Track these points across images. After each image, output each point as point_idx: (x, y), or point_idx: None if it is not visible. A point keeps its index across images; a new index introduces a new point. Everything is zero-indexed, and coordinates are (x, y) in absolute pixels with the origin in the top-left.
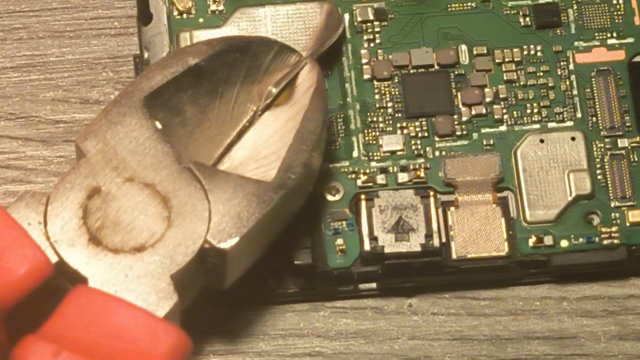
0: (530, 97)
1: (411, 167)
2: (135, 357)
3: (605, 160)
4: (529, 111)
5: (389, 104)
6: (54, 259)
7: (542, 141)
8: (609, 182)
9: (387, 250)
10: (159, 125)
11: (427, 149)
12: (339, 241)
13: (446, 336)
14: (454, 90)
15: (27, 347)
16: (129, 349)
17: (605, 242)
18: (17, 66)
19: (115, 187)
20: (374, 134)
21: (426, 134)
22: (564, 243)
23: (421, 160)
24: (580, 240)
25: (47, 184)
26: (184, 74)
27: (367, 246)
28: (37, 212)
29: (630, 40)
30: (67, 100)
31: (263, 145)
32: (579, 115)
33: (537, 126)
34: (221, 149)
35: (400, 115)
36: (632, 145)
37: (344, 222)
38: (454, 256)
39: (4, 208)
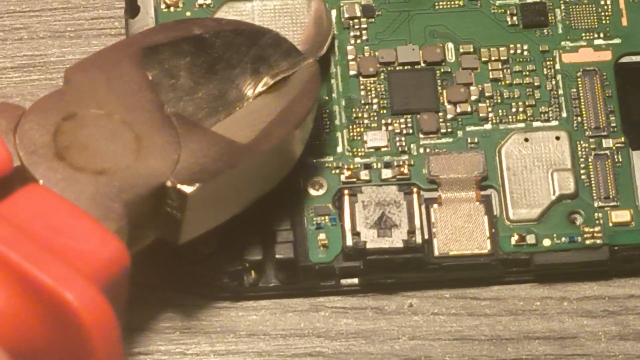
0: (516, 96)
1: (395, 164)
2: (76, 255)
3: (590, 160)
4: (514, 110)
5: (375, 101)
6: (16, 163)
7: (526, 140)
8: (592, 182)
9: (369, 245)
10: (150, 76)
11: (412, 145)
12: (322, 236)
13: (447, 336)
14: (439, 88)
15: None
16: (70, 247)
17: (587, 242)
18: (18, 66)
19: (92, 116)
20: (358, 129)
21: (411, 131)
22: (547, 242)
23: (405, 157)
24: (563, 239)
25: None
26: (185, 40)
27: (349, 241)
28: (8, 120)
29: (617, 41)
30: None
31: (245, 127)
32: (564, 114)
33: (522, 125)
34: (206, 124)
35: (385, 111)
36: (617, 145)
37: (326, 217)
38: (436, 253)
39: None
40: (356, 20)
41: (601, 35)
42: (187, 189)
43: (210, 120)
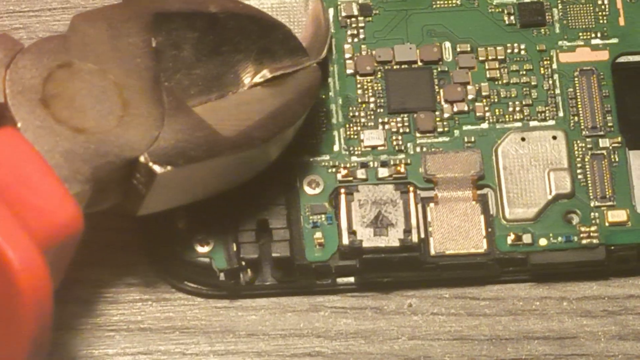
0: (513, 95)
1: (392, 163)
2: (31, 211)
3: (586, 159)
4: (511, 109)
5: (371, 99)
6: (0, 99)
7: (523, 139)
8: (589, 181)
9: (365, 244)
10: (153, 42)
11: (408, 144)
12: (318, 235)
13: (446, 336)
14: (436, 87)
15: None
16: (27, 201)
17: (584, 241)
18: None
19: (87, 70)
20: (355, 128)
21: (407, 130)
22: (543, 242)
23: (402, 155)
24: (559, 239)
25: None
26: (199, 14)
27: (345, 240)
28: (5, 54)
29: (615, 40)
30: None
31: (232, 116)
32: (561, 114)
33: (519, 124)
34: (196, 101)
35: (382, 110)
36: (614, 145)
37: (323, 216)
38: (433, 252)
39: None
40: (353, 19)
41: (598, 34)
42: (158, 169)
43: (200, 98)
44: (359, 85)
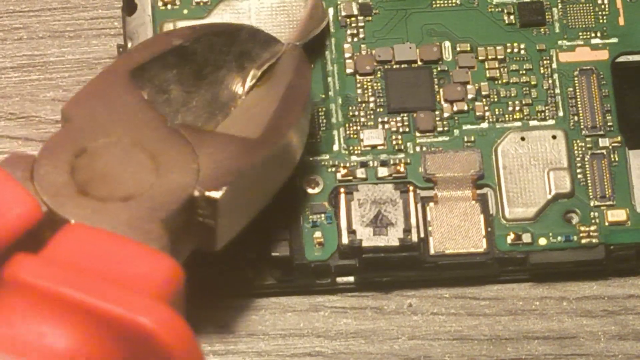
0: (513, 94)
1: (391, 162)
2: (133, 281)
3: (586, 159)
4: (510, 109)
5: (371, 99)
6: (43, 209)
7: (523, 139)
8: (589, 181)
9: (365, 244)
10: (145, 96)
11: (408, 144)
12: (317, 234)
13: (446, 336)
14: (436, 87)
15: (16, 261)
16: (125, 275)
17: (583, 241)
18: (17, 66)
19: (102, 146)
20: (355, 128)
21: (407, 129)
22: (543, 241)
23: (401, 155)
24: (559, 238)
25: None
26: (168, 53)
27: (345, 239)
28: (22, 170)
29: (614, 40)
30: (67, 100)
31: (248, 123)
32: (560, 114)
33: (519, 124)
34: (207, 128)
35: (381, 110)
36: (613, 145)
37: (322, 215)
38: (432, 252)
39: None
40: (353, 19)
41: (598, 34)
42: (216, 194)
43: (209, 125)
44: (358, 85)
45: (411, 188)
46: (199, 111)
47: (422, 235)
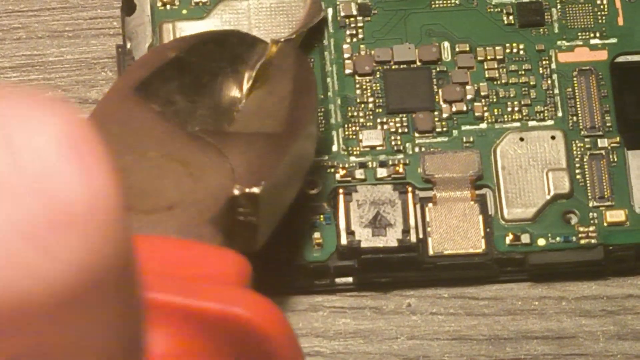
0: (512, 95)
1: (390, 163)
2: (210, 280)
3: (585, 159)
4: (509, 109)
5: (370, 99)
6: None
7: (522, 139)
8: (587, 181)
9: (363, 244)
10: (156, 108)
11: (407, 144)
12: (316, 235)
13: (445, 336)
14: (435, 87)
15: None
16: (200, 275)
17: (582, 241)
18: (16, 66)
19: (131, 163)
20: (354, 128)
21: (406, 130)
22: (541, 242)
23: (400, 156)
24: (558, 239)
25: None
26: (165, 66)
27: (343, 240)
28: None
29: (613, 40)
30: (66, 100)
31: (260, 123)
32: (559, 114)
33: (518, 124)
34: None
35: (380, 110)
36: (612, 145)
37: (321, 216)
38: (431, 252)
39: None
40: (352, 19)
41: (597, 34)
42: (257, 189)
43: (219, 128)
44: (357, 86)
45: (410, 189)
46: (205, 120)
47: (420, 235)
